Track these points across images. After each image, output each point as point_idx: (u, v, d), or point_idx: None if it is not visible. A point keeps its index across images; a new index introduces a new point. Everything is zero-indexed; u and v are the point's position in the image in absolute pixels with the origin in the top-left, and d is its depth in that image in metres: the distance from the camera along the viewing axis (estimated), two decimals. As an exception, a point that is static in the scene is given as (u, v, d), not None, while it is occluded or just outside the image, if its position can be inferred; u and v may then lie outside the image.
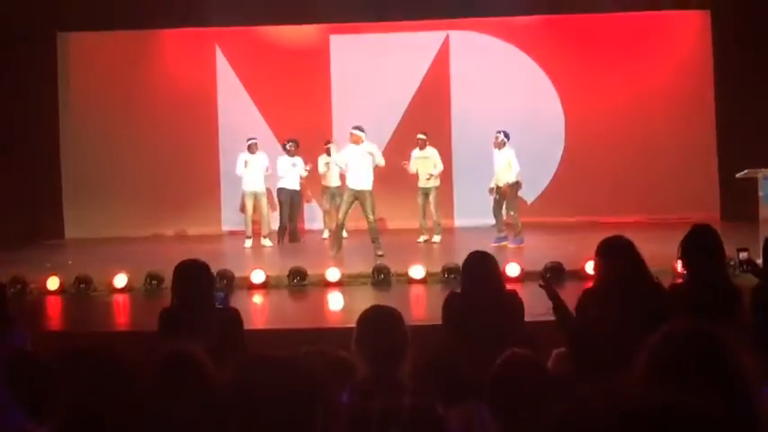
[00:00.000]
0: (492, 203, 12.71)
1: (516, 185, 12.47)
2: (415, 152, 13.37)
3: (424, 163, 13.26)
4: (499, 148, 12.50)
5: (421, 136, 13.38)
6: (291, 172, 13.58)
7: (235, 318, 4.74)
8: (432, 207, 13.29)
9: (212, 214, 15.69)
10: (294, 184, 13.73)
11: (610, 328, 3.92)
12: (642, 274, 4.43)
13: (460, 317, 4.89)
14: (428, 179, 13.27)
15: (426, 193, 13.35)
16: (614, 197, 15.26)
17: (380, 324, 3.15)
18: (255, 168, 13.38)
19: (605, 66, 15.52)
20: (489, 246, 11.89)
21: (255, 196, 13.38)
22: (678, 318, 2.20)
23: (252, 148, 13.44)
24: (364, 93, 15.56)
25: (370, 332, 3.12)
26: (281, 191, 13.64)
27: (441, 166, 13.38)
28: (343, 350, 3.30)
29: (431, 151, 13.36)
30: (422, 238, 13.22)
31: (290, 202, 13.68)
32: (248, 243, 13.28)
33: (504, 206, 12.54)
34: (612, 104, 15.45)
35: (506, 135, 12.53)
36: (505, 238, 12.38)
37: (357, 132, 11.68)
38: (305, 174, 13.84)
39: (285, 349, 2.78)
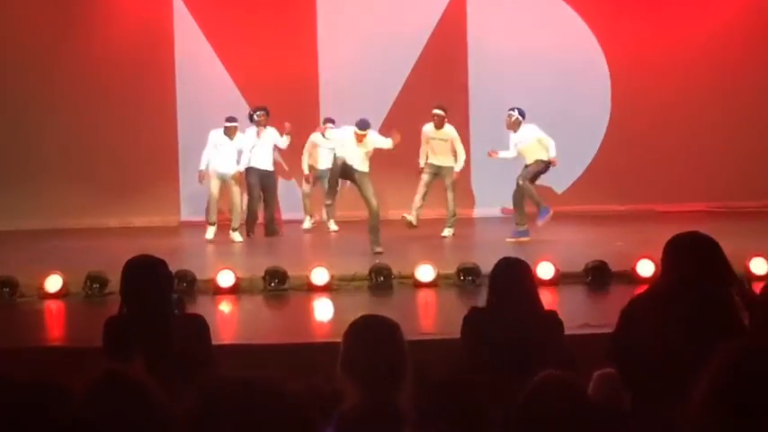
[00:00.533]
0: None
1: (544, 164, 12.39)
2: (429, 129, 13.13)
3: (441, 146, 13.10)
4: (514, 130, 12.49)
5: (438, 111, 13.06)
6: (261, 148, 13.56)
7: (199, 328, 4.78)
8: (448, 193, 13.17)
9: (168, 201, 15.75)
10: (266, 163, 13.67)
11: (669, 344, 3.93)
12: (722, 279, 4.40)
13: (484, 339, 4.95)
14: (441, 164, 13.06)
15: (437, 172, 13.15)
16: (674, 179, 15.33)
17: (373, 339, 3.14)
18: (227, 153, 13.42)
19: (659, 5, 15.51)
20: (505, 241, 12.00)
21: (223, 180, 13.41)
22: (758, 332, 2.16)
23: (230, 132, 13.38)
24: (360, 47, 15.59)
25: (360, 349, 3.12)
26: (248, 171, 13.59)
27: (463, 154, 13.16)
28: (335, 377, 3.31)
29: (449, 131, 13.11)
30: (409, 218, 12.67)
31: (262, 186, 13.67)
32: (210, 232, 13.38)
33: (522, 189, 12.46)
34: (673, 57, 15.45)
35: (521, 113, 12.53)
36: (526, 233, 12.33)
37: (362, 132, 11.91)
38: (284, 145, 13.80)
39: (260, 369, 2.77)
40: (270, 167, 13.69)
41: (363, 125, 11.66)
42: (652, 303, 4.39)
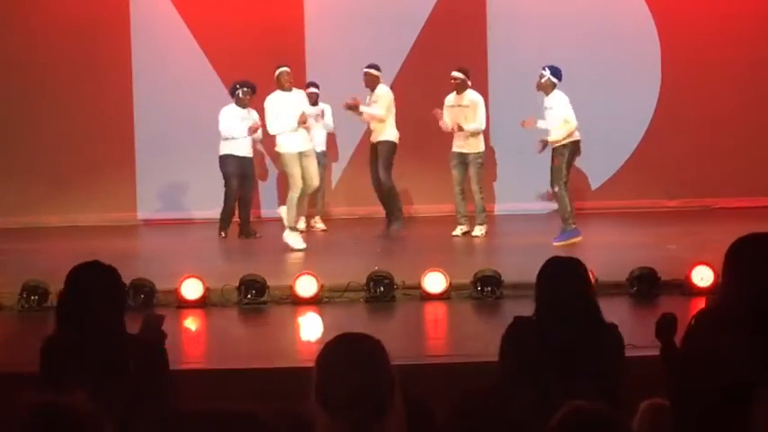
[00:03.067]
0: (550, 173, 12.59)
1: (571, 148, 12.40)
2: (450, 98, 13.44)
3: (461, 115, 13.27)
4: (546, 93, 12.55)
5: (457, 74, 13.37)
6: (243, 130, 13.59)
7: (154, 349, 4.79)
8: (473, 183, 13.30)
9: (122, 195, 15.76)
10: (246, 149, 13.79)
11: (734, 371, 3.89)
12: None
13: (530, 355, 4.92)
14: (458, 132, 13.16)
15: (463, 161, 13.34)
16: (734, 169, 15.32)
17: (349, 362, 3.14)
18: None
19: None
20: (553, 246, 11.90)
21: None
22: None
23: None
24: (358, 6, 15.69)
25: (337, 376, 3.11)
26: (227, 159, 13.67)
27: (481, 122, 13.31)
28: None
29: (471, 97, 13.39)
30: (458, 230, 13.22)
31: (241, 176, 13.72)
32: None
33: (554, 176, 12.47)
34: (737, 22, 15.45)
35: (555, 72, 12.55)
36: (576, 232, 12.31)
37: (374, 72, 12.07)
38: (259, 136, 13.84)
39: (231, 400, 2.76)
40: (250, 154, 13.81)
41: (375, 66, 12.27)
42: (722, 323, 4.32)
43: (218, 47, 15.59)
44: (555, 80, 12.51)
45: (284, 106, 12.15)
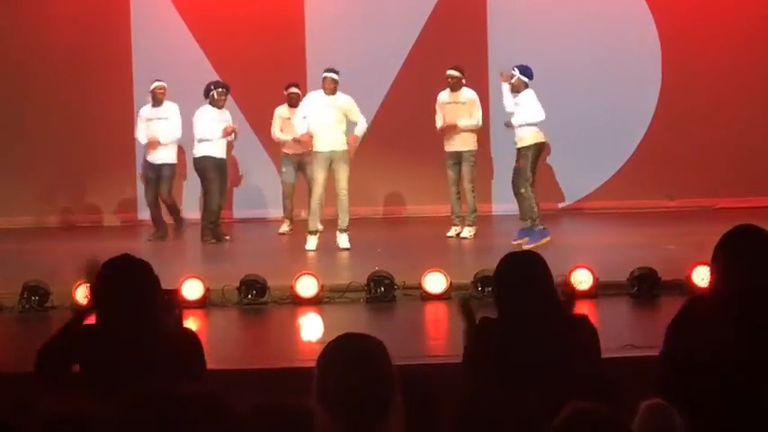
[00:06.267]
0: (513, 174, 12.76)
1: (535, 150, 12.52)
2: (443, 95, 13.43)
3: (458, 112, 13.27)
4: (518, 91, 12.66)
5: (453, 72, 13.37)
6: (219, 131, 13.58)
7: (193, 346, 4.85)
8: (465, 183, 13.30)
9: (123, 195, 15.76)
10: (223, 151, 13.78)
11: (736, 364, 3.92)
12: None
13: (496, 354, 4.93)
14: (452, 129, 13.16)
15: (458, 160, 13.32)
16: (735, 169, 15.28)
17: (350, 362, 3.14)
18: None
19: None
20: (555, 245, 11.96)
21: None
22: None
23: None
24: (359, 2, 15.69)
25: (338, 376, 3.12)
26: (206, 160, 13.58)
27: (478, 119, 13.33)
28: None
29: (468, 94, 13.39)
30: (453, 231, 13.30)
31: (220, 179, 13.69)
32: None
33: (520, 177, 12.60)
34: (737, 21, 15.43)
35: (525, 71, 12.67)
36: (546, 233, 12.36)
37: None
38: (232, 138, 13.90)
39: (233, 399, 2.81)
40: (224, 155, 13.83)
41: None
42: (714, 312, 4.39)
43: (217, 46, 15.58)
44: (525, 79, 12.61)
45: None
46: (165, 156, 13.78)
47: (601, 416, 3.26)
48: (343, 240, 12.43)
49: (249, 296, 9.79)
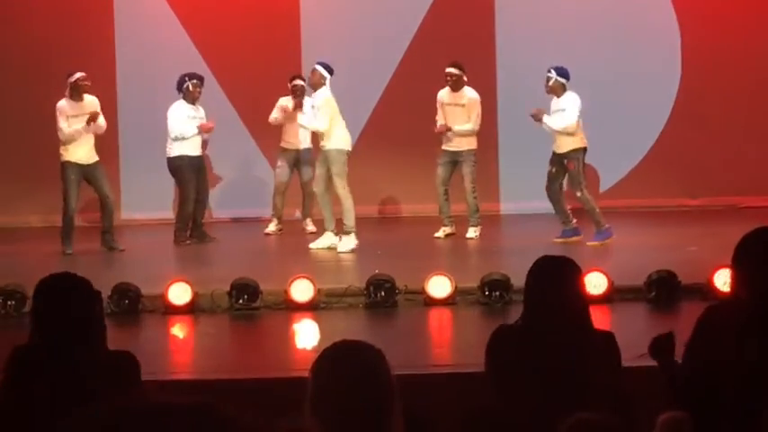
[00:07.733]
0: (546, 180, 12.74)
1: (583, 151, 12.52)
2: (444, 94, 13.30)
3: (457, 115, 13.15)
4: (557, 95, 12.54)
5: (452, 70, 13.20)
6: (194, 129, 13.43)
7: (128, 368, 4.80)
8: (466, 183, 13.18)
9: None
10: (198, 149, 13.65)
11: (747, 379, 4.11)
12: None
13: (517, 365, 4.91)
14: (448, 133, 13.07)
15: (455, 159, 13.23)
16: (760, 166, 15.17)
17: (350, 374, 3.15)
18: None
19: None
20: (552, 242, 12.05)
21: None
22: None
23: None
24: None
25: (333, 387, 3.13)
26: (180, 160, 13.42)
27: (475, 122, 13.22)
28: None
29: (469, 95, 13.30)
30: (441, 232, 13.11)
31: (197, 177, 13.52)
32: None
33: (563, 184, 12.63)
34: (759, 12, 15.35)
35: (562, 73, 12.55)
36: (576, 231, 12.43)
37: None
38: (206, 136, 13.75)
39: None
40: (200, 152, 13.74)
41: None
42: (737, 320, 4.49)
43: (209, 38, 15.50)
44: (563, 80, 12.50)
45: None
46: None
47: (604, 428, 3.41)
48: (341, 243, 12.51)
49: (240, 301, 9.76)
